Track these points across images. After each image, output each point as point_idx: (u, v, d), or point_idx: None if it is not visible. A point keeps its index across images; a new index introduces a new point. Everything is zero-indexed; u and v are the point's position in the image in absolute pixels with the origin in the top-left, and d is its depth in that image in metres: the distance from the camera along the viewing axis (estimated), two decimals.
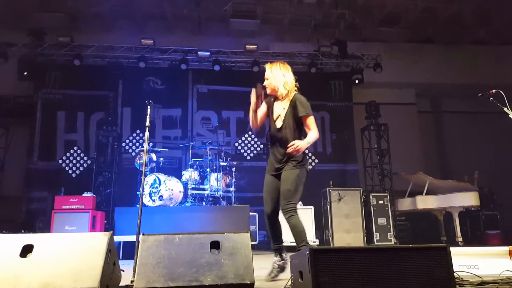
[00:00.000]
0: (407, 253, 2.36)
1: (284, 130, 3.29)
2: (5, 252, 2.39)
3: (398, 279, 2.28)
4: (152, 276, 2.40)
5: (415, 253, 2.36)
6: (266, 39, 10.55)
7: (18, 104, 9.44)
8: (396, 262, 2.32)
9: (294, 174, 3.23)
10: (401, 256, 2.35)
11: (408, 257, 2.34)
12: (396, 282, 2.27)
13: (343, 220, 7.76)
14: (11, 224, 8.36)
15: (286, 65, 3.42)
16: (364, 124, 9.89)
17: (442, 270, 2.32)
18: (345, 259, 2.28)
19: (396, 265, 2.31)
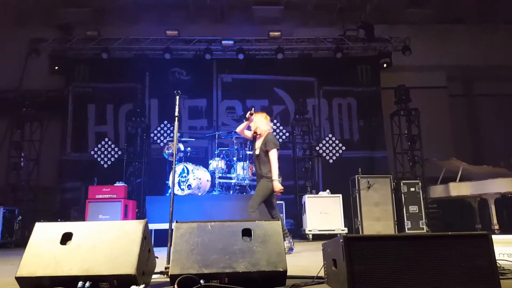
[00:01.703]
0: (446, 241, 2.29)
1: (259, 157, 4.93)
2: (46, 240, 2.55)
3: (436, 268, 2.22)
4: (186, 263, 2.49)
5: (454, 241, 2.30)
6: (290, 25, 10.44)
7: (50, 98, 9.84)
8: (435, 251, 2.26)
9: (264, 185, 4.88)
10: (440, 244, 2.29)
11: (447, 245, 2.28)
12: (434, 271, 2.21)
13: (372, 208, 7.68)
14: (47, 213, 8.80)
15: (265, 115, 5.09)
16: (393, 109, 9.69)
17: (484, 258, 2.24)
18: (380, 247, 2.25)
19: (434, 254, 2.25)
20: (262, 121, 4.97)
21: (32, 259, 2.48)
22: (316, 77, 10.20)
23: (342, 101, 10.18)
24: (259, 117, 4.97)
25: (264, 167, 4.89)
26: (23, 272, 2.41)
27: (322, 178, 9.71)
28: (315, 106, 10.13)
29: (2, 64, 9.78)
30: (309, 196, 7.77)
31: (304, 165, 9.21)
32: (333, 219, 7.46)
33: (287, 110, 10.05)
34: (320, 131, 10.01)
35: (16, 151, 8.98)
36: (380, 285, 2.18)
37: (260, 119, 4.96)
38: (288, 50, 9.94)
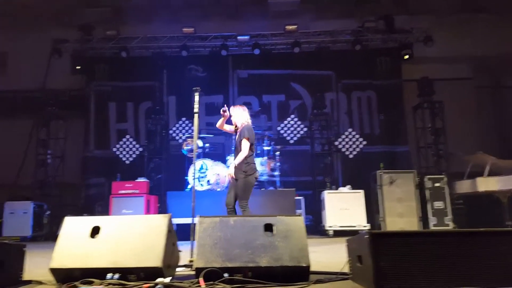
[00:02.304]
0: (476, 238, 2.26)
1: (236, 150, 4.79)
2: (76, 233, 2.68)
3: (465, 265, 2.19)
4: (210, 257, 2.57)
5: (485, 238, 2.26)
6: (306, 19, 10.37)
7: (73, 97, 10.22)
8: (464, 247, 2.22)
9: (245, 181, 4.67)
10: (469, 241, 2.25)
11: (477, 242, 2.24)
12: (463, 269, 2.19)
13: (395, 204, 7.59)
14: (73, 209, 9.12)
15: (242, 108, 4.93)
16: (415, 102, 9.53)
17: None
18: (407, 244, 2.25)
19: (463, 250, 2.22)
20: (238, 114, 4.85)
21: (63, 251, 2.61)
22: (334, 71, 10.11)
23: (361, 95, 10.07)
24: (236, 111, 4.88)
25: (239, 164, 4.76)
26: (55, 264, 2.55)
27: (341, 173, 9.65)
28: (334, 100, 10.07)
29: (27, 65, 10.17)
30: (329, 192, 7.76)
31: (323, 160, 9.19)
32: (355, 215, 7.42)
33: (304, 105, 10.03)
34: (339, 125, 9.94)
35: (42, 149, 9.33)
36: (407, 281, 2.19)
37: (236, 113, 4.86)
38: (305, 44, 9.88)
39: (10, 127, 10.14)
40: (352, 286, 2.57)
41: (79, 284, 2.43)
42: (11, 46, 10.59)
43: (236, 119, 4.84)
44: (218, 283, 2.45)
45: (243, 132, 4.65)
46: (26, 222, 7.93)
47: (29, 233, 7.90)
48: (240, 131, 4.73)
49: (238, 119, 4.83)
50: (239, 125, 4.81)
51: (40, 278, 2.79)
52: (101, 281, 2.44)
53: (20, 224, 7.89)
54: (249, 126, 4.77)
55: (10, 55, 10.85)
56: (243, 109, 4.90)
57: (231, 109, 4.87)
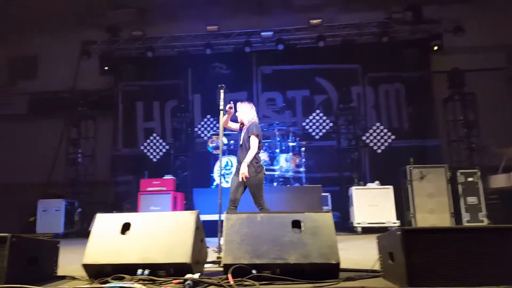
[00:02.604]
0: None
1: (242, 147, 4.63)
2: (107, 230, 2.74)
3: (501, 262, 2.12)
4: (238, 253, 2.57)
5: None
6: (331, 12, 10.19)
7: (102, 97, 10.50)
8: (499, 244, 2.15)
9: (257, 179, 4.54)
10: (506, 237, 2.17)
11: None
12: (499, 266, 2.11)
13: (426, 200, 7.39)
14: (103, 206, 9.41)
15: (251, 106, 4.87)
16: (446, 94, 9.24)
17: None
18: (440, 240, 2.20)
19: (499, 248, 2.14)
20: (245, 111, 4.76)
21: (95, 248, 2.67)
22: (360, 64, 9.92)
23: (389, 88, 9.85)
24: (243, 107, 4.77)
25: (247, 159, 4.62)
26: (88, 260, 2.61)
27: (369, 169, 9.48)
28: (360, 94, 9.89)
29: (58, 67, 10.53)
30: (357, 188, 7.63)
31: (350, 156, 9.05)
32: (384, 211, 7.28)
33: (329, 100, 9.90)
34: (366, 120, 9.76)
35: (73, 148, 9.65)
36: (441, 279, 2.13)
37: (243, 109, 4.76)
38: (330, 38, 9.72)
39: (43, 128, 10.55)
40: (384, 284, 2.50)
41: (110, 279, 2.47)
42: (41, 49, 10.99)
43: (243, 116, 4.75)
44: (247, 279, 2.44)
45: (251, 129, 4.56)
46: (58, 220, 8.21)
47: (61, 230, 8.18)
48: (247, 127, 4.63)
49: (244, 116, 4.74)
50: (245, 122, 4.72)
51: (73, 273, 2.86)
52: (131, 276, 2.48)
53: (52, 221, 8.19)
54: (257, 123, 4.70)
55: (41, 58, 11.26)
56: (251, 106, 4.83)
57: (238, 105, 4.78)
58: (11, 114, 10.90)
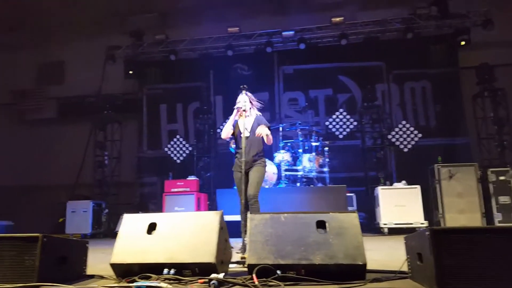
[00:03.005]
0: None
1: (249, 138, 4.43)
2: (134, 230, 2.79)
3: None
4: (262, 253, 2.55)
5: None
6: (353, 9, 10.07)
7: (127, 101, 10.77)
8: None
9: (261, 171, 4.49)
10: None
11: None
12: None
13: (455, 199, 7.21)
14: (128, 207, 9.61)
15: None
16: (475, 90, 8.97)
17: None
18: (471, 241, 2.12)
19: None
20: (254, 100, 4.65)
21: (122, 247, 2.73)
22: (385, 61, 9.76)
23: (415, 85, 9.63)
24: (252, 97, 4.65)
25: (256, 149, 4.47)
26: (116, 259, 2.66)
27: (395, 168, 9.30)
28: (385, 92, 9.72)
29: (85, 72, 10.84)
30: (383, 188, 7.50)
31: (375, 155, 8.90)
32: (411, 211, 7.13)
33: (353, 98, 9.77)
34: (392, 118, 9.58)
35: (100, 150, 9.90)
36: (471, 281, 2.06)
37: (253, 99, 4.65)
38: (352, 35, 9.60)
39: (71, 131, 10.90)
40: (412, 285, 2.44)
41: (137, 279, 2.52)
42: (68, 55, 11.36)
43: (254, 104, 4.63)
44: (271, 280, 2.43)
45: (261, 120, 4.55)
46: (86, 220, 8.44)
47: (88, 230, 8.39)
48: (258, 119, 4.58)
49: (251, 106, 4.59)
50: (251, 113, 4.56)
51: (101, 272, 2.93)
52: (158, 276, 2.52)
53: (80, 222, 8.42)
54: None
55: (67, 63, 11.64)
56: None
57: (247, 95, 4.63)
58: (41, 118, 11.33)
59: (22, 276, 2.42)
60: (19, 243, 2.49)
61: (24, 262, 2.44)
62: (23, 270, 2.43)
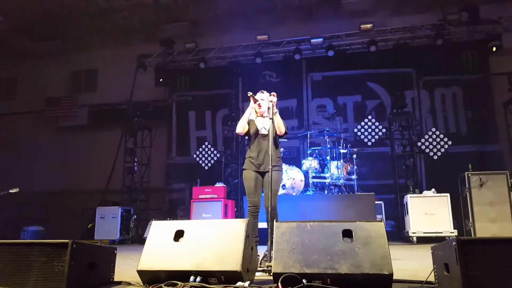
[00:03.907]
0: None
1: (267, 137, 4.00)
2: (162, 237, 2.80)
3: None
4: (288, 262, 2.51)
5: None
6: (382, 15, 9.94)
7: (157, 108, 10.99)
8: None
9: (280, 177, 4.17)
10: None
11: None
12: None
13: (486, 208, 6.93)
14: (157, 212, 9.70)
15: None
16: (506, 97, 8.63)
17: None
18: (500, 251, 2.06)
19: None
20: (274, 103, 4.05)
21: (150, 254, 2.73)
22: (414, 68, 9.61)
23: (445, 91, 9.40)
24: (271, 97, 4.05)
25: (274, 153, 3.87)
26: (143, 266, 2.67)
27: (425, 176, 9.07)
28: (415, 99, 9.54)
29: (116, 80, 11.14)
30: (412, 196, 7.28)
31: (404, 162, 8.66)
32: (440, 220, 6.90)
33: (382, 105, 9.62)
34: (422, 125, 9.38)
35: (130, 157, 10.04)
36: None
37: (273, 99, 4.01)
38: (381, 42, 9.47)
39: (102, 138, 11.19)
40: None
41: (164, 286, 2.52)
42: (100, 63, 11.74)
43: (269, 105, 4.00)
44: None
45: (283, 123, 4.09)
46: (115, 226, 8.34)
47: (117, 236, 8.29)
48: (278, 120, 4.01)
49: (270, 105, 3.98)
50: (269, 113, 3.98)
51: (128, 279, 2.93)
52: (184, 283, 2.51)
53: (109, 227, 8.34)
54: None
55: (100, 72, 12.02)
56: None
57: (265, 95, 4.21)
58: (73, 125, 11.71)
59: (51, 282, 2.43)
60: (49, 249, 2.51)
61: (53, 268, 2.45)
62: (53, 276, 2.44)
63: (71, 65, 12.01)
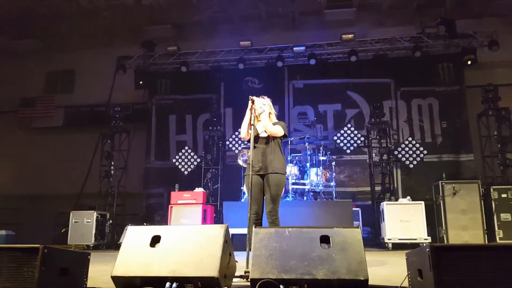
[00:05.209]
0: None
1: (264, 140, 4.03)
2: (138, 242, 2.74)
3: None
4: (265, 268, 2.51)
5: None
6: (363, 27, 10.15)
7: (136, 111, 10.78)
8: None
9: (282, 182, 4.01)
10: None
11: None
12: None
13: (459, 216, 7.16)
14: (134, 218, 9.49)
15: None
16: (480, 109, 8.90)
17: None
18: (471, 258, 2.11)
19: None
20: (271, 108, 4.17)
21: (125, 260, 2.66)
22: (393, 78, 9.82)
23: (422, 102, 9.65)
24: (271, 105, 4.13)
25: (274, 156, 3.92)
26: (118, 272, 2.60)
27: (401, 184, 9.24)
28: (392, 108, 9.74)
29: (94, 81, 10.90)
30: (388, 203, 7.40)
31: (381, 170, 8.80)
32: (415, 227, 7.04)
33: (361, 114, 9.77)
34: (398, 134, 9.57)
35: (107, 160, 9.74)
36: None
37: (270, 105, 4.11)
38: (362, 52, 9.64)
39: (78, 140, 10.87)
40: None
41: None
42: (78, 63, 11.44)
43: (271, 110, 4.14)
44: None
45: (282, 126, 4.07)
46: (89, 231, 8.11)
47: (91, 241, 8.07)
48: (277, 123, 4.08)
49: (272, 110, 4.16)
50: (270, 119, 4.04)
51: (102, 285, 2.85)
52: None
53: (83, 232, 8.10)
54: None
55: (77, 72, 11.73)
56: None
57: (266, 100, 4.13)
58: (49, 126, 11.34)
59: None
60: (19, 254, 2.41)
61: (23, 274, 2.36)
62: (22, 282, 2.34)
63: (48, 65, 11.69)
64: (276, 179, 3.87)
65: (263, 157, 3.95)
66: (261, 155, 3.96)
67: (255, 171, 3.90)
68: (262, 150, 3.98)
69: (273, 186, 3.84)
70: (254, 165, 3.87)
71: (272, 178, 3.87)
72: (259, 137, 4.05)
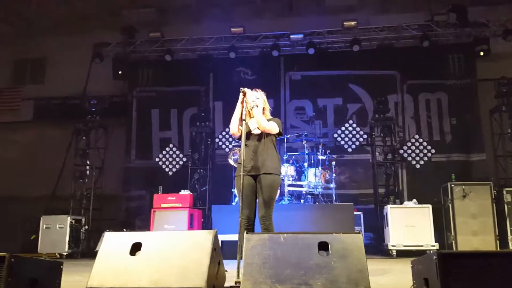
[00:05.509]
0: None
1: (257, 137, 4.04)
2: (116, 250, 2.73)
3: None
4: (258, 277, 2.51)
5: None
6: (367, 13, 10.18)
7: (114, 104, 10.58)
8: None
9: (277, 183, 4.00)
10: None
11: None
12: None
13: (468, 220, 7.24)
14: (112, 223, 9.40)
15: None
16: (493, 104, 9.01)
17: None
18: (482, 266, 2.15)
19: None
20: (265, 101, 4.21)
21: (102, 269, 2.65)
22: (399, 70, 9.88)
23: (430, 97, 9.73)
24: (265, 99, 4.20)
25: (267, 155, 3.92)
26: (94, 282, 2.59)
27: (407, 185, 9.32)
28: (398, 103, 9.81)
29: (68, 71, 10.75)
30: (393, 207, 7.46)
31: (385, 171, 8.86)
32: (421, 233, 7.12)
33: (364, 109, 9.82)
34: (404, 131, 9.64)
35: (81, 159, 9.63)
36: None
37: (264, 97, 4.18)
38: (365, 41, 9.67)
39: (49, 136, 10.76)
40: None
41: None
42: (50, 51, 11.28)
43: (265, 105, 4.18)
44: None
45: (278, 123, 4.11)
46: (62, 238, 8.00)
47: (65, 249, 7.96)
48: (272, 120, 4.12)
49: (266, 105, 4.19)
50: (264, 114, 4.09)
51: None
52: None
53: (56, 239, 7.99)
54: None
55: (49, 60, 11.56)
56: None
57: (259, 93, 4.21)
58: (16, 121, 11.19)
59: None
60: None
61: None
62: None
63: (15, 52, 11.53)
64: (269, 180, 3.84)
65: (256, 156, 3.92)
66: (253, 153, 3.92)
67: (247, 171, 3.86)
68: (254, 148, 3.95)
69: (266, 188, 3.81)
70: (246, 165, 3.85)
71: (265, 179, 3.84)
72: (251, 134, 4.03)
